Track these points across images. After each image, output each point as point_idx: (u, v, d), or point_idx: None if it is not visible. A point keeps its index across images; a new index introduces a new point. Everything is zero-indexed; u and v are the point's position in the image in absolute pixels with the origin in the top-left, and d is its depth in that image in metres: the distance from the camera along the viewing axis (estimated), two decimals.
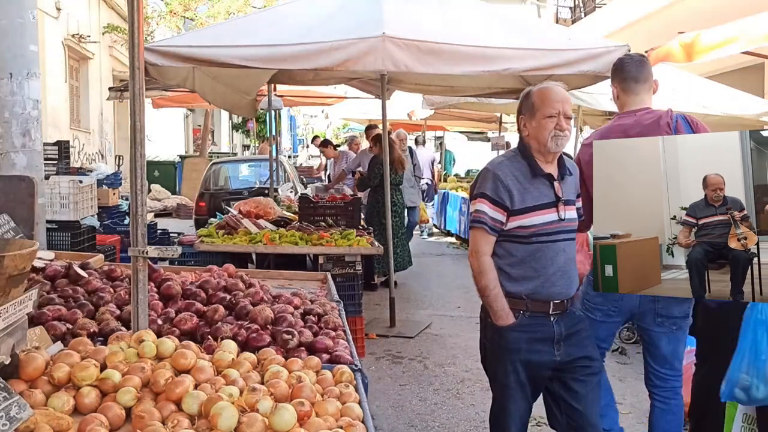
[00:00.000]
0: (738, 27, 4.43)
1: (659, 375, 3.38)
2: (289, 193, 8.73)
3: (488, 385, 2.83)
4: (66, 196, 5.82)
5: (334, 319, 2.73)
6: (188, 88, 6.55)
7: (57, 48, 12.85)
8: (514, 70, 5.38)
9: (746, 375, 2.91)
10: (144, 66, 2.30)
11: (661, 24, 10.50)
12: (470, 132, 19.63)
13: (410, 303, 7.44)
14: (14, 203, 3.29)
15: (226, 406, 1.73)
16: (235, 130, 31.28)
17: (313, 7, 5.83)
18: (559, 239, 2.82)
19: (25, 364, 1.88)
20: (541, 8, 20.70)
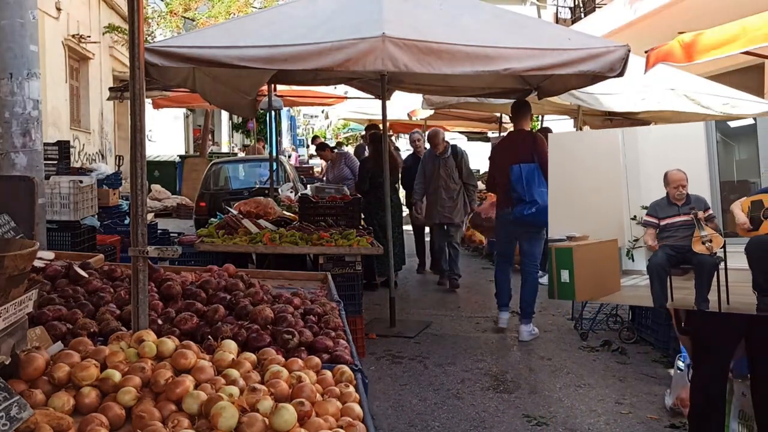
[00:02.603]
0: (738, 27, 4.43)
1: (524, 262, 6.10)
2: (289, 193, 8.72)
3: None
4: (66, 196, 5.82)
5: (334, 319, 2.73)
6: (188, 88, 6.56)
7: (57, 48, 12.85)
8: (514, 70, 5.37)
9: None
10: (144, 66, 2.30)
11: (661, 24, 10.49)
12: (470, 132, 19.61)
13: (410, 303, 7.44)
14: (14, 203, 3.29)
15: (227, 406, 1.73)
16: (235, 130, 31.28)
17: (313, 7, 5.83)
18: None
19: (25, 364, 1.88)
20: (541, 8, 20.69)
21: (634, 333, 5.92)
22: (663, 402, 4.49)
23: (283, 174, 10.90)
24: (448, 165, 8.05)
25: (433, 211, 8.14)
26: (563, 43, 5.49)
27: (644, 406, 4.52)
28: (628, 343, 5.81)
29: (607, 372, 5.21)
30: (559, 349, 5.77)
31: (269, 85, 8.57)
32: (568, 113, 9.85)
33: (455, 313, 7.04)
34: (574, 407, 4.52)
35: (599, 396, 4.72)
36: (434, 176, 8.06)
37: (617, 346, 5.72)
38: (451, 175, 8.03)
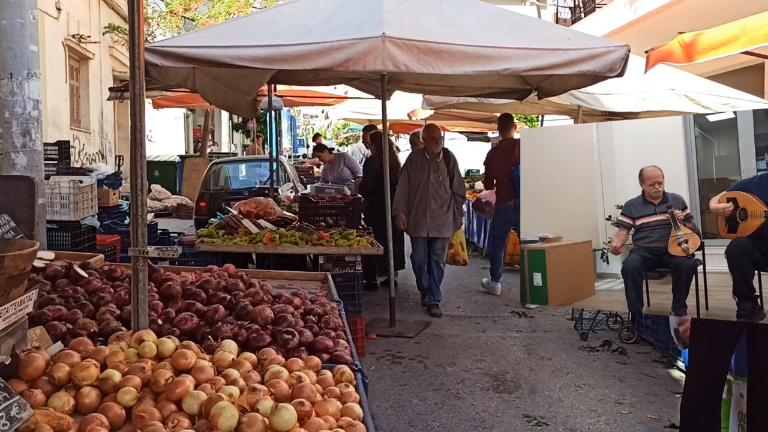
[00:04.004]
0: (738, 27, 4.43)
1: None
2: (289, 193, 8.72)
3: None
4: (66, 196, 5.82)
5: (335, 319, 2.73)
6: (188, 88, 6.56)
7: (57, 48, 12.85)
8: (514, 70, 5.37)
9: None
10: (144, 66, 2.30)
11: (661, 24, 10.50)
12: (470, 132, 19.61)
13: (410, 303, 7.44)
14: (14, 203, 3.29)
15: (227, 406, 1.73)
16: (235, 130, 31.28)
17: (313, 7, 5.83)
18: None
19: (25, 364, 1.88)
20: (541, 8, 20.69)
21: (634, 333, 5.92)
22: (663, 402, 4.50)
23: (283, 174, 10.89)
24: (440, 170, 7.06)
25: (420, 223, 7.04)
26: (563, 43, 5.49)
27: (644, 406, 4.53)
28: (628, 343, 5.81)
29: (607, 372, 5.21)
30: (559, 349, 5.77)
31: (269, 85, 8.58)
32: (568, 113, 9.85)
33: (455, 313, 7.04)
34: (574, 407, 4.52)
35: (599, 396, 4.72)
36: (423, 181, 7.02)
37: (617, 346, 5.72)
38: (442, 182, 7.05)
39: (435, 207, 7.00)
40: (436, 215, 7.00)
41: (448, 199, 7.06)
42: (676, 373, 5.13)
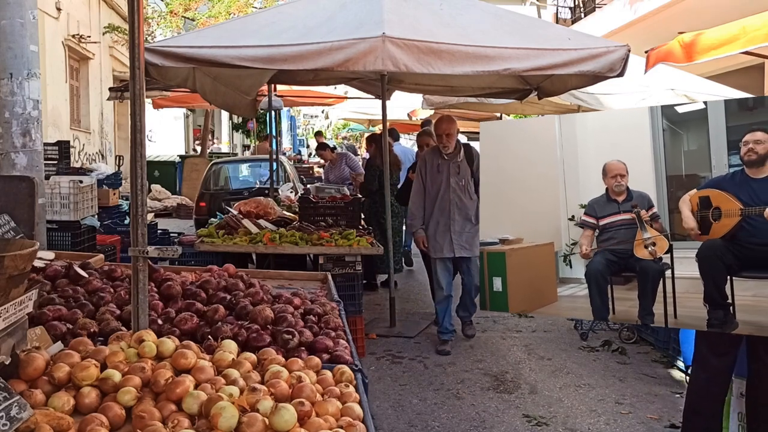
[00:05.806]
0: (738, 27, 4.43)
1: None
2: (289, 193, 8.72)
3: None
4: (66, 196, 5.82)
5: (334, 319, 2.73)
6: (189, 88, 6.55)
7: (57, 48, 12.85)
8: (514, 70, 5.36)
9: None
10: (144, 66, 2.30)
11: (661, 24, 10.50)
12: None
13: (410, 303, 7.44)
14: (14, 203, 3.29)
15: (227, 406, 1.73)
16: (235, 130, 31.27)
17: (313, 7, 5.83)
18: None
19: (25, 364, 1.88)
20: (541, 8, 20.68)
21: (634, 333, 5.92)
22: (663, 402, 4.49)
23: (283, 174, 10.90)
24: (461, 172, 5.64)
25: (442, 240, 5.65)
26: (563, 43, 5.48)
27: (644, 406, 4.52)
28: (628, 343, 5.81)
29: (607, 372, 5.21)
30: (559, 349, 5.77)
31: (269, 85, 8.57)
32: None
33: (455, 313, 7.03)
34: (574, 407, 4.52)
35: (599, 396, 4.72)
36: (443, 188, 5.67)
37: (617, 346, 5.72)
38: (465, 187, 5.63)
39: (459, 219, 5.61)
40: (462, 230, 5.62)
41: (475, 209, 5.45)
42: (676, 373, 5.13)
